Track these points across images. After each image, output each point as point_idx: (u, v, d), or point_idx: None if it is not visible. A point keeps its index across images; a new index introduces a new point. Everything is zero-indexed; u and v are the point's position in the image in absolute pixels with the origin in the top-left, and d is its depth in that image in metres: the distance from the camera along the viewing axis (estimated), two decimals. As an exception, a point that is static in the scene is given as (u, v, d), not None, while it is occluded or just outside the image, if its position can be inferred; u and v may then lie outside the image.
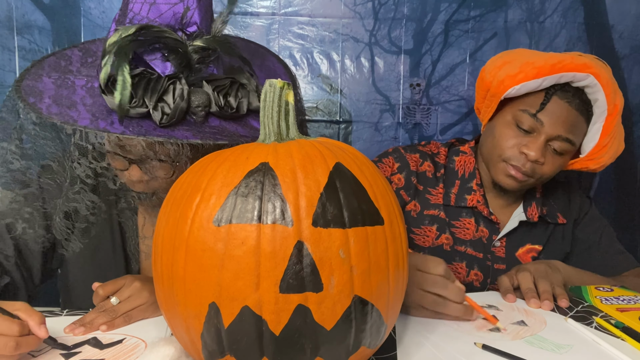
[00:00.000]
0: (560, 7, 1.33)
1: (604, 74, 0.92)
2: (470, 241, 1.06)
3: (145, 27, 0.66)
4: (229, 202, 0.48)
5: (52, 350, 0.63)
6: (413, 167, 1.08)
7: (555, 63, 0.92)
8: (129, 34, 0.65)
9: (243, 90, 0.73)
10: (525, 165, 0.96)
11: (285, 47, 1.31)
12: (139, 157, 0.74)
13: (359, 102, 1.34)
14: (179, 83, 0.68)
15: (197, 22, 0.70)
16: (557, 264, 0.92)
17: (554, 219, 1.08)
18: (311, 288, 0.47)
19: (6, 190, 0.76)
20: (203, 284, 0.48)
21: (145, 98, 0.66)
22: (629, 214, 1.42)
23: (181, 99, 0.67)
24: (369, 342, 0.52)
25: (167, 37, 0.68)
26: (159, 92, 0.66)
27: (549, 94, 0.94)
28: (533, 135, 0.96)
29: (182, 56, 0.69)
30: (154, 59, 0.69)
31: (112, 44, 0.65)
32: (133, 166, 0.75)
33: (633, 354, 0.62)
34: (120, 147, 0.73)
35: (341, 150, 0.55)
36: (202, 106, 0.69)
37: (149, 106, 0.66)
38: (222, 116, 0.72)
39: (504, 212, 1.08)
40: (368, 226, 0.50)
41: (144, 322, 0.73)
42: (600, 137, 0.95)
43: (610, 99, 0.92)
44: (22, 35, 1.23)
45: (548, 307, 0.78)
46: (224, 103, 0.70)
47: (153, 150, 0.71)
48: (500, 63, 0.99)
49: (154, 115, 0.66)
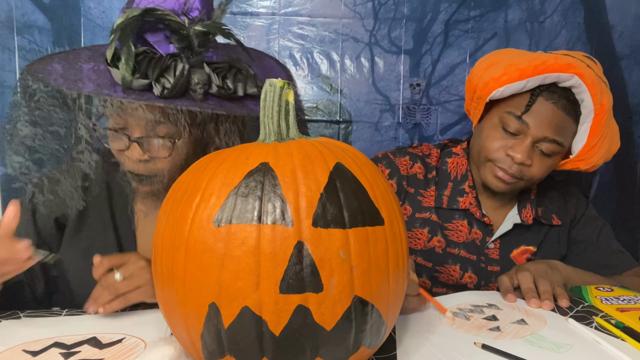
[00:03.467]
0: (560, 7, 1.33)
1: (589, 74, 0.90)
2: (463, 243, 1.06)
3: (150, 9, 0.72)
4: (229, 202, 0.48)
5: (52, 350, 0.63)
6: (403, 171, 1.08)
7: (538, 64, 0.90)
8: (134, 14, 0.71)
9: (241, 75, 0.79)
10: (512, 168, 0.95)
11: (285, 47, 1.31)
12: (140, 128, 0.78)
13: (359, 102, 1.34)
14: (180, 61, 0.73)
15: (198, 7, 0.76)
16: (557, 264, 0.92)
17: (549, 220, 1.07)
18: (311, 288, 0.47)
19: (16, 156, 0.79)
20: (203, 284, 0.48)
21: (148, 72, 0.71)
22: (629, 214, 1.42)
23: (182, 75, 0.72)
24: (369, 343, 0.52)
25: (171, 19, 0.73)
26: (161, 67, 0.71)
27: (534, 95, 0.92)
28: (519, 137, 0.95)
29: (184, 38, 0.74)
30: (157, 40, 0.75)
31: (119, 24, 0.71)
32: (133, 145, 0.79)
33: (633, 354, 0.62)
34: (121, 119, 0.77)
35: (341, 150, 0.55)
36: (201, 83, 0.74)
37: (151, 79, 0.71)
38: (220, 96, 0.77)
39: (497, 213, 1.08)
40: (368, 226, 0.50)
41: (144, 322, 0.73)
42: (588, 138, 0.94)
43: (597, 99, 0.90)
44: (22, 35, 1.23)
45: (548, 307, 0.78)
46: (222, 84, 0.76)
47: (153, 114, 0.76)
48: (486, 65, 0.98)
49: (155, 87, 0.71)
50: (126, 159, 0.81)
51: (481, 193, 1.07)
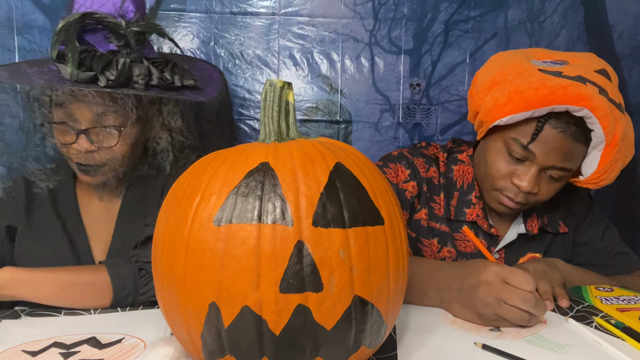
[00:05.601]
0: (560, 7, 1.33)
1: (600, 105, 0.81)
2: (471, 254, 1.03)
3: (88, 13, 0.80)
4: (229, 201, 0.48)
5: (52, 350, 0.63)
6: (422, 173, 1.04)
7: (545, 95, 0.82)
8: (75, 18, 0.79)
9: (177, 69, 0.88)
10: (518, 196, 0.91)
11: (285, 47, 1.31)
12: (86, 120, 0.84)
13: (359, 102, 1.34)
14: (121, 56, 0.81)
15: (133, 10, 0.85)
16: (557, 263, 0.91)
17: (555, 228, 1.04)
18: (311, 288, 0.47)
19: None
20: (203, 283, 0.48)
21: (93, 66, 0.79)
22: (629, 214, 1.42)
23: (124, 67, 0.80)
24: (369, 342, 0.52)
25: (109, 21, 0.81)
26: (104, 61, 0.79)
27: (541, 122, 0.85)
28: (525, 164, 0.89)
29: (122, 37, 0.82)
30: (97, 40, 0.83)
31: (61, 27, 0.79)
32: (81, 137, 0.84)
33: (633, 354, 0.62)
34: (66, 112, 0.84)
35: (341, 150, 0.55)
36: (142, 75, 0.82)
37: (96, 71, 0.78)
38: (160, 86, 0.85)
39: (502, 221, 1.05)
40: (368, 226, 0.50)
41: (144, 322, 0.73)
42: (598, 166, 0.87)
43: (609, 130, 0.82)
44: (22, 35, 1.23)
45: (549, 308, 0.78)
46: (161, 76, 0.84)
47: (103, 101, 0.83)
48: (489, 83, 0.90)
49: (100, 79, 0.79)
50: (72, 151, 0.86)
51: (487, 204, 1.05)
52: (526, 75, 0.86)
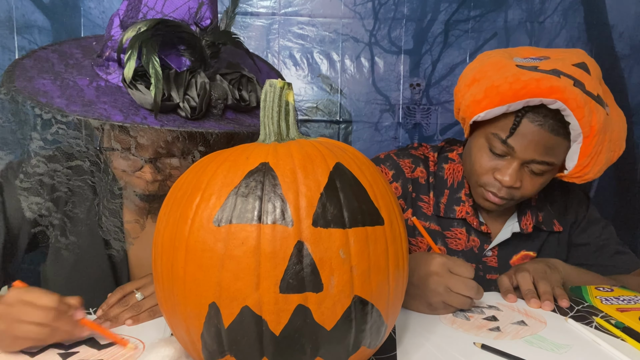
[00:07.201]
0: (560, 7, 1.33)
1: (574, 97, 0.81)
2: (462, 251, 1.04)
3: (163, 21, 0.66)
4: (229, 202, 0.48)
5: (51, 350, 0.63)
6: (408, 174, 1.05)
7: (518, 89, 0.82)
8: (147, 28, 0.63)
9: (251, 84, 0.74)
10: (501, 191, 0.92)
11: (285, 47, 1.31)
12: (152, 148, 0.72)
13: (359, 102, 1.34)
14: (200, 77, 0.67)
15: (210, 17, 0.71)
16: (557, 263, 0.91)
17: (550, 226, 1.05)
18: (311, 288, 0.47)
19: (34, 197, 0.71)
20: (203, 284, 0.48)
21: (172, 92, 0.65)
22: (629, 214, 1.42)
23: (204, 92, 0.67)
24: (369, 342, 0.52)
25: (184, 32, 0.67)
26: (184, 86, 0.66)
27: (519, 117, 0.86)
28: (507, 159, 0.90)
29: (198, 51, 0.69)
30: (169, 54, 0.68)
31: (132, 38, 0.63)
32: (145, 166, 0.74)
33: (633, 354, 0.62)
34: (129, 141, 0.70)
35: (341, 150, 0.55)
36: (221, 99, 0.69)
37: (177, 100, 0.65)
38: (237, 108, 0.73)
39: (496, 220, 1.05)
40: (368, 226, 0.50)
41: (143, 323, 0.73)
42: (578, 159, 0.87)
43: (585, 121, 0.82)
44: (22, 35, 1.23)
45: (549, 308, 0.78)
46: (239, 96, 0.72)
47: (194, 143, 0.71)
48: (470, 80, 0.91)
49: (184, 108, 0.66)
50: (135, 180, 0.76)
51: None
52: (503, 71, 0.87)
